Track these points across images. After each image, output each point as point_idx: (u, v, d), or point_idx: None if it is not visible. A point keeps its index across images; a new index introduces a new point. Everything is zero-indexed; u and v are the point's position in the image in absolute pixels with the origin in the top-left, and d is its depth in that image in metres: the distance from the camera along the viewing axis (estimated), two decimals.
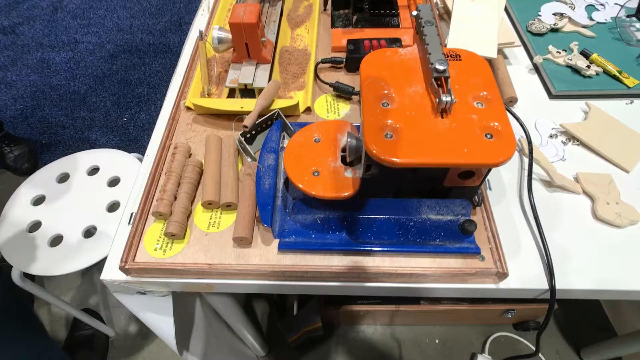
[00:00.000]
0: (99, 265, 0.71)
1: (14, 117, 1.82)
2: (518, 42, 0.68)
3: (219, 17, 0.73)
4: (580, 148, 0.59)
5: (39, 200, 0.96)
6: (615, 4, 0.76)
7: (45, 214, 0.93)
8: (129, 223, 0.50)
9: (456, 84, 0.43)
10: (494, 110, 0.41)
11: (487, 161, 0.38)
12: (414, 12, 0.48)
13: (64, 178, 1.00)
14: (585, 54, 0.67)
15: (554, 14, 0.74)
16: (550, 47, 0.69)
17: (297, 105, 0.57)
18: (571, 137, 0.60)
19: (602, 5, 0.76)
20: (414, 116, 0.41)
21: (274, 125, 0.54)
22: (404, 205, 0.48)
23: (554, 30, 0.72)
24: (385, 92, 0.43)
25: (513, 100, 0.63)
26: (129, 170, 1.00)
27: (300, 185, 0.44)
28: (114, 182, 1.00)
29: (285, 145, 0.54)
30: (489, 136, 0.39)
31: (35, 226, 0.92)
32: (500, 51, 0.68)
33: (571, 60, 0.66)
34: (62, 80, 1.94)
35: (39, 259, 0.86)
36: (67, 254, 0.87)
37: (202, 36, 0.68)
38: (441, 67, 0.40)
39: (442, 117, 0.40)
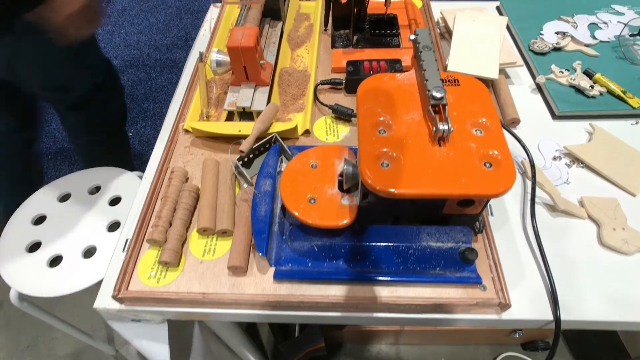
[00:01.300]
0: (99, 283, 0.71)
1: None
2: (520, 61, 0.67)
3: (220, 37, 0.74)
4: (585, 170, 0.57)
5: (39, 220, 0.96)
6: (619, 22, 0.75)
7: (46, 234, 0.93)
8: (124, 250, 0.50)
9: (454, 110, 0.42)
10: (493, 138, 0.40)
11: (485, 192, 0.37)
12: (412, 36, 0.47)
13: (65, 197, 1.01)
14: (588, 74, 0.66)
15: (557, 33, 0.74)
16: (552, 66, 0.68)
17: (295, 128, 0.57)
18: (575, 159, 0.58)
19: (605, 23, 0.75)
20: (411, 144, 0.40)
21: (271, 149, 0.53)
22: (403, 232, 0.47)
23: (557, 49, 0.72)
24: (382, 119, 0.42)
25: (515, 122, 0.62)
26: (130, 189, 1.00)
27: (296, 213, 0.43)
28: (115, 201, 1.00)
29: (282, 170, 0.54)
30: (488, 165, 0.38)
31: (35, 246, 0.91)
32: (502, 71, 0.67)
33: (574, 80, 0.65)
34: None
35: (38, 279, 0.86)
36: (66, 275, 0.86)
37: (202, 58, 0.68)
38: (438, 95, 0.40)
39: (440, 145, 0.39)
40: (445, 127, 0.38)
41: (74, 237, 0.92)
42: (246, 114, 0.60)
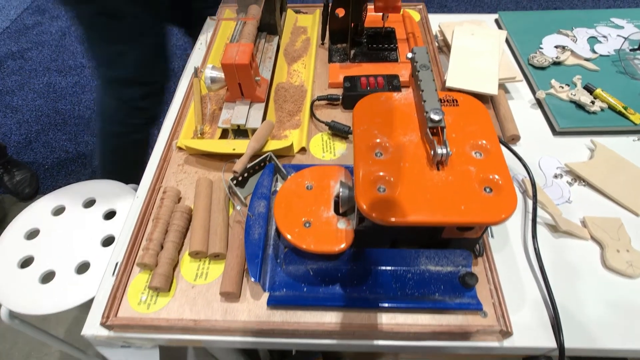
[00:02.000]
0: (92, 300, 0.69)
1: (18, 141, 1.83)
2: (520, 76, 0.66)
3: (215, 51, 0.73)
4: (587, 189, 0.56)
5: (33, 234, 0.95)
6: (618, 36, 0.75)
7: (38, 249, 0.91)
8: (113, 274, 0.48)
9: (453, 131, 0.41)
10: (493, 161, 0.39)
11: (486, 220, 0.35)
12: (409, 55, 0.46)
13: (59, 210, 0.99)
14: (589, 89, 0.65)
15: (556, 47, 0.73)
16: (552, 81, 0.67)
17: (291, 146, 0.56)
18: (577, 177, 0.57)
19: (604, 37, 0.75)
20: (409, 168, 0.38)
21: (266, 168, 0.52)
22: (401, 256, 0.45)
23: (557, 63, 0.71)
24: (379, 140, 0.41)
25: (515, 138, 0.60)
26: (125, 202, 0.99)
27: (290, 238, 0.42)
28: (109, 215, 0.98)
29: (277, 189, 0.52)
30: (488, 190, 0.37)
31: (28, 261, 0.90)
32: (501, 86, 0.66)
33: (574, 95, 0.64)
34: (67, 105, 1.96)
35: (29, 296, 0.84)
36: (58, 292, 0.84)
37: (196, 73, 0.67)
38: (436, 117, 0.39)
39: (438, 169, 0.38)
40: (444, 151, 0.37)
41: (67, 253, 0.91)
42: (241, 131, 0.59)
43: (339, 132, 0.59)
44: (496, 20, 0.83)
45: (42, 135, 1.84)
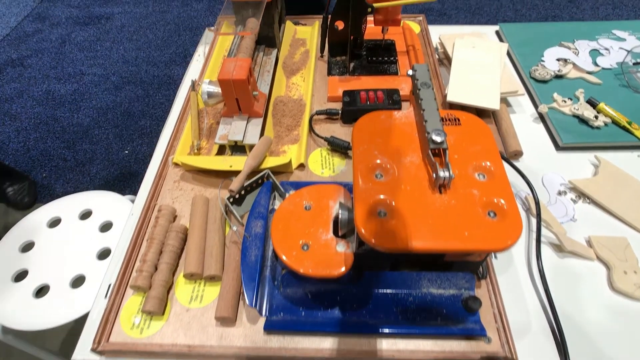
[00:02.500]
0: (86, 315, 0.68)
1: (16, 149, 1.82)
2: (522, 90, 0.65)
3: (213, 64, 0.72)
4: (592, 206, 0.55)
5: (27, 247, 0.93)
6: (621, 48, 0.74)
7: (33, 262, 0.90)
8: (106, 296, 0.47)
9: (455, 152, 0.40)
10: (497, 183, 0.38)
11: (490, 247, 0.34)
12: (410, 72, 0.45)
13: (55, 222, 0.98)
14: (592, 103, 0.64)
15: (558, 60, 0.72)
16: (555, 95, 0.66)
17: (289, 162, 0.54)
18: (581, 194, 0.56)
19: (606, 50, 0.74)
20: (410, 191, 0.37)
21: (263, 186, 0.51)
22: (403, 279, 0.44)
23: (559, 76, 0.70)
24: (379, 161, 0.40)
25: (518, 154, 0.59)
26: (122, 214, 0.98)
27: (288, 262, 0.41)
28: (106, 227, 0.97)
29: (275, 207, 0.51)
30: (492, 215, 0.36)
31: (22, 275, 0.88)
32: (503, 100, 0.65)
33: (577, 109, 0.63)
34: (66, 112, 1.95)
35: (23, 311, 0.82)
36: (52, 306, 0.83)
37: (194, 86, 0.66)
38: (438, 139, 0.37)
39: (441, 193, 0.37)
40: (446, 174, 0.36)
41: (62, 266, 0.89)
42: (238, 147, 0.58)
43: (338, 147, 0.58)
44: (497, 32, 0.82)
45: (40, 143, 1.83)
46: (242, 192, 0.52)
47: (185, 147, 0.59)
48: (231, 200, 0.50)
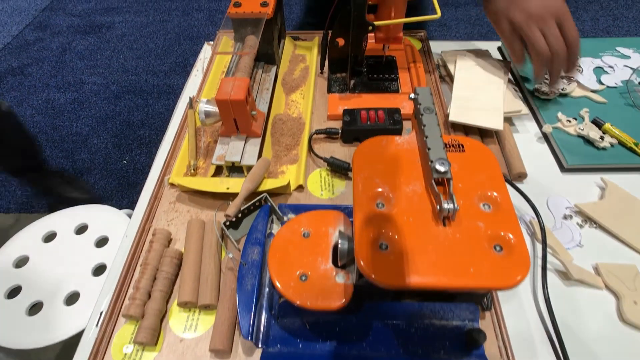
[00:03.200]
0: (81, 333, 0.66)
1: None
2: (525, 109, 0.64)
3: (211, 81, 0.71)
4: (599, 231, 0.53)
5: (22, 262, 0.92)
6: (625, 66, 0.73)
7: (27, 278, 0.88)
8: (97, 325, 0.45)
9: (459, 181, 0.39)
10: (503, 215, 0.36)
11: (497, 284, 0.33)
12: (412, 95, 0.44)
13: (50, 237, 0.96)
14: (597, 123, 0.63)
15: (562, 77, 0.71)
16: (559, 114, 0.65)
17: (288, 185, 0.53)
18: (587, 219, 0.54)
19: (611, 67, 0.73)
20: (412, 223, 0.36)
21: (260, 211, 0.49)
22: (404, 310, 0.42)
23: (563, 94, 0.69)
24: (380, 190, 0.38)
25: (522, 176, 0.58)
26: (118, 229, 0.96)
27: (285, 293, 0.39)
28: (101, 242, 0.95)
29: (273, 232, 0.50)
30: (498, 249, 0.34)
31: (15, 291, 0.87)
32: (506, 119, 0.64)
33: (583, 130, 0.61)
34: (65, 121, 1.95)
35: (15, 329, 0.80)
36: (45, 324, 0.81)
37: (191, 104, 0.65)
38: (442, 169, 0.36)
39: (445, 225, 0.36)
40: (451, 206, 0.35)
41: (56, 282, 0.88)
42: (236, 168, 0.56)
43: (338, 168, 0.57)
44: (499, 48, 0.82)
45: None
46: (239, 215, 0.51)
47: (182, 167, 0.58)
48: (227, 224, 0.48)
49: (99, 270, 0.91)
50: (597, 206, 0.54)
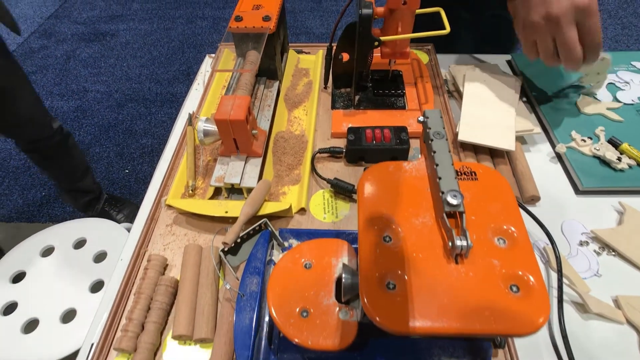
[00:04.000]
0: (77, 352, 0.64)
1: (17, 167, 1.81)
2: (538, 128, 0.62)
3: (211, 98, 0.69)
4: (618, 259, 0.50)
5: (18, 277, 0.90)
6: None
7: (23, 294, 0.86)
8: (87, 358, 0.43)
9: (472, 212, 0.36)
10: (519, 251, 0.34)
11: (515, 331, 0.30)
12: (421, 118, 0.42)
13: (48, 251, 0.94)
14: (614, 143, 0.60)
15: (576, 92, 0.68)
16: (573, 133, 0.62)
17: (289, 208, 0.51)
18: (605, 245, 0.51)
19: (626, 83, 0.70)
20: (422, 260, 0.33)
21: (260, 237, 0.47)
22: (412, 347, 0.40)
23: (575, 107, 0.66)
24: (387, 222, 0.36)
25: (535, 199, 0.55)
26: (117, 244, 0.94)
27: (285, 330, 0.37)
28: (100, 257, 0.93)
29: (273, 258, 0.47)
30: (515, 289, 0.32)
31: (11, 307, 0.85)
32: (518, 138, 0.61)
33: (598, 150, 0.59)
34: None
35: (9, 349, 0.78)
36: (40, 343, 0.79)
37: (191, 120, 0.63)
38: (454, 202, 0.34)
39: (457, 263, 0.33)
40: (464, 243, 0.32)
41: (53, 299, 0.86)
42: (236, 189, 0.54)
43: (342, 190, 0.54)
44: (509, 62, 0.79)
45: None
46: (238, 240, 0.48)
47: (180, 187, 0.56)
48: (225, 251, 0.46)
49: (97, 286, 0.89)
50: (615, 232, 0.52)
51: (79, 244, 0.96)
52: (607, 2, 2.53)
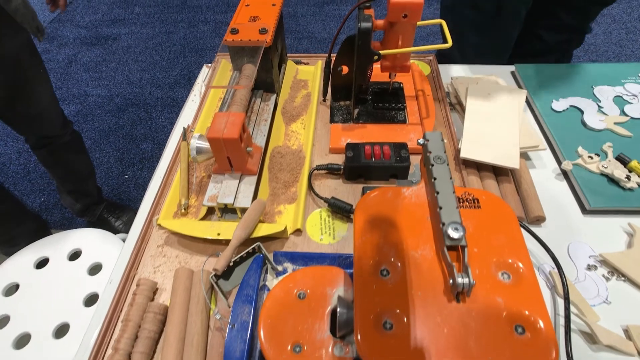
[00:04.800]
0: None
1: (16, 172, 1.80)
2: (543, 144, 0.60)
3: (207, 112, 0.67)
4: (628, 285, 0.48)
5: (11, 290, 0.88)
6: None
7: (16, 307, 0.85)
8: None
9: (475, 244, 0.34)
10: (525, 288, 0.32)
11: None
12: (421, 141, 0.40)
13: (42, 263, 0.93)
14: (622, 160, 0.58)
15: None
16: (580, 149, 0.60)
17: (285, 230, 0.49)
18: (614, 270, 0.49)
19: (634, 96, 0.68)
20: (422, 297, 0.31)
21: (253, 262, 0.45)
22: None
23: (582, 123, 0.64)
24: (385, 255, 0.34)
25: (540, 219, 0.53)
26: (112, 256, 0.93)
27: None
28: (95, 269, 0.92)
29: (266, 283, 0.46)
30: (520, 331, 0.30)
31: (3, 321, 0.83)
32: (523, 154, 0.59)
33: (606, 167, 0.57)
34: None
35: None
36: (32, 359, 0.77)
37: (185, 134, 0.61)
38: (456, 235, 0.32)
39: (458, 302, 0.31)
40: (465, 280, 0.30)
41: (46, 312, 0.84)
42: (229, 208, 0.52)
43: (339, 210, 0.52)
44: (512, 73, 0.77)
45: (40, 166, 1.80)
46: (231, 264, 0.46)
47: (172, 205, 0.54)
48: (216, 278, 0.44)
49: (91, 300, 0.87)
50: (625, 256, 0.49)
51: (74, 255, 0.94)
52: (612, 7, 2.50)
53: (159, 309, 0.44)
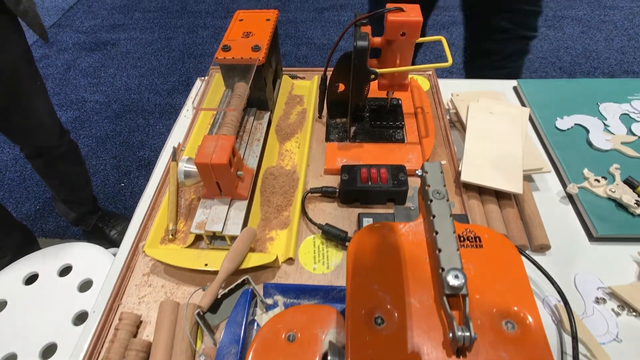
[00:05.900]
0: None
1: (12, 179, 1.78)
2: (548, 166, 0.57)
3: (197, 132, 0.64)
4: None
5: None
6: None
7: (3, 325, 0.82)
8: None
9: (476, 290, 0.32)
10: (531, 340, 0.29)
11: None
12: (419, 172, 0.38)
13: (32, 278, 0.91)
14: (630, 184, 0.55)
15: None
16: (585, 171, 0.57)
17: (276, 260, 0.46)
18: (625, 304, 0.47)
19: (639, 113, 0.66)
20: (419, 352, 0.29)
21: (241, 297, 0.43)
22: None
23: (588, 143, 0.61)
24: (380, 299, 0.32)
25: (545, 248, 0.51)
26: (103, 271, 0.90)
27: None
28: (85, 285, 0.89)
29: (255, 318, 0.43)
30: None
31: None
32: (526, 177, 0.57)
33: (614, 192, 0.54)
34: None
35: None
36: None
37: (175, 154, 0.59)
38: (456, 283, 0.29)
39: (458, 357, 0.28)
40: (466, 334, 0.27)
41: (33, 332, 0.81)
42: (218, 235, 0.50)
43: (334, 238, 0.50)
44: (515, 88, 0.75)
45: (36, 174, 1.78)
46: (219, 297, 0.44)
47: (160, 231, 0.52)
48: (202, 314, 0.42)
49: (80, 318, 0.85)
50: (636, 289, 0.47)
51: (65, 270, 0.92)
52: (613, 13, 2.48)
53: (142, 346, 0.41)
